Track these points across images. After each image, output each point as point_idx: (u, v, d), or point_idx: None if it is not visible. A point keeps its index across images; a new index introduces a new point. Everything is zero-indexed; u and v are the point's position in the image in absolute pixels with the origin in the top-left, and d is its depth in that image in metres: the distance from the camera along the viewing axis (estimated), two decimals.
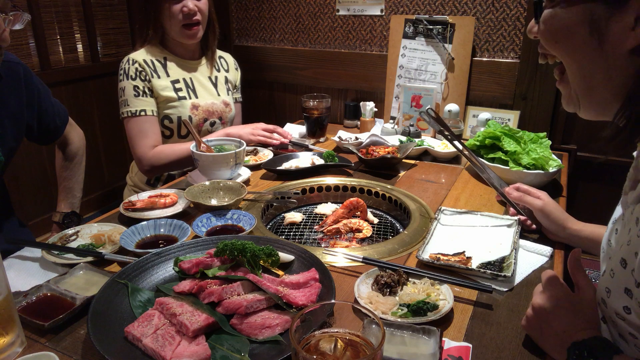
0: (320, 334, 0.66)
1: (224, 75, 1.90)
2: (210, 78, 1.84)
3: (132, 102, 1.66)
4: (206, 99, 1.80)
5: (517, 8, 1.92)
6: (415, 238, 1.16)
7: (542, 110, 1.94)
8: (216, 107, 1.82)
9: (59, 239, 1.14)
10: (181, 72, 1.76)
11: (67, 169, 1.58)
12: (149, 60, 1.70)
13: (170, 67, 1.74)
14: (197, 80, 1.80)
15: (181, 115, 1.72)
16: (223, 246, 0.92)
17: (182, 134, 1.77)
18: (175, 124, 1.74)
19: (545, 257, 1.06)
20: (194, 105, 1.75)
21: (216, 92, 1.84)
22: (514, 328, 0.84)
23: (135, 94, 1.66)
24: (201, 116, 1.77)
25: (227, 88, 1.89)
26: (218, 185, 1.35)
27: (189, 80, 1.77)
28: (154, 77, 1.69)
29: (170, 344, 0.76)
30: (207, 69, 1.84)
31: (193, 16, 1.66)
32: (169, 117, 1.73)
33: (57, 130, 1.50)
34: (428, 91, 1.98)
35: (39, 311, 0.86)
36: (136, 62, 1.67)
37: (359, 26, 2.26)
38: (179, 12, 1.64)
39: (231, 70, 1.94)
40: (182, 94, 1.73)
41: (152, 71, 1.69)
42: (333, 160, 1.60)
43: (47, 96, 1.44)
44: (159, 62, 1.72)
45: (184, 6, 1.64)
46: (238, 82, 1.98)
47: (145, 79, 1.67)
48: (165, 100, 1.70)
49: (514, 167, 1.40)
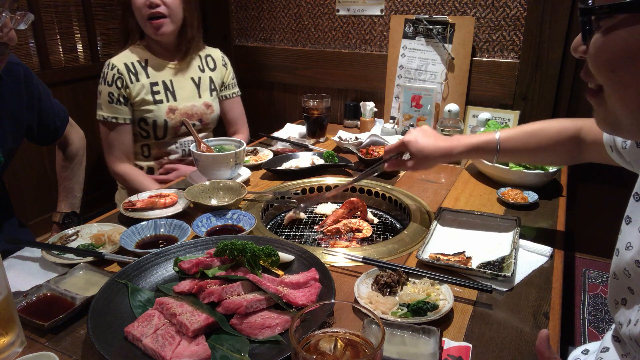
0: (320, 334, 0.66)
1: (209, 75, 1.86)
2: (194, 79, 1.81)
3: (106, 108, 1.68)
4: (185, 101, 1.77)
5: (517, 8, 1.92)
6: (415, 238, 1.16)
7: (542, 110, 1.94)
8: (196, 109, 1.80)
9: (59, 239, 1.14)
10: (162, 75, 1.74)
11: (67, 169, 1.58)
12: (129, 64, 1.69)
13: (150, 69, 1.73)
14: (178, 82, 1.77)
15: (156, 119, 1.72)
16: (223, 246, 0.92)
17: (158, 136, 1.76)
18: (151, 126, 1.73)
19: (545, 257, 1.06)
20: (171, 108, 1.73)
21: (198, 93, 1.81)
22: (514, 328, 0.84)
23: (110, 100, 1.67)
24: (178, 119, 1.74)
25: (211, 89, 1.85)
26: (218, 185, 1.35)
27: (169, 83, 1.75)
28: (133, 82, 1.68)
29: (170, 344, 0.76)
30: (191, 70, 1.81)
31: (157, 6, 1.61)
32: (145, 119, 1.72)
33: (57, 131, 1.50)
34: (428, 91, 1.98)
35: (39, 311, 0.87)
36: (115, 67, 1.67)
37: (359, 26, 2.25)
38: (143, 5, 1.61)
39: (218, 68, 1.89)
40: (158, 97, 1.72)
41: (132, 75, 1.68)
42: (333, 160, 1.60)
43: (48, 97, 1.44)
44: (140, 64, 1.71)
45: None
46: (229, 79, 1.93)
47: (121, 87, 1.66)
48: (141, 102, 1.70)
49: (514, 167, 1.40)
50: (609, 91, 0.56)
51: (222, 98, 1.93)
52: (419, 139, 1.15)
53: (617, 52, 0.52)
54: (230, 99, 1.95)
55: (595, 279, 2.24)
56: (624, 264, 0.68)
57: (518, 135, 1.12)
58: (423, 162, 1.15)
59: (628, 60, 0.51)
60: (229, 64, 1.94)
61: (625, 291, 0.68)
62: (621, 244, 0.70)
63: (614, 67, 0.53)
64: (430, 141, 1.14)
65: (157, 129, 1.74)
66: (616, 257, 0.71)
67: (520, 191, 1.35)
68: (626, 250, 0.68)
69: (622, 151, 0.83)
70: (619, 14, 0.50)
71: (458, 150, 1.14)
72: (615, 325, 0.70)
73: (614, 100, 0.56)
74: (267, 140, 1.97)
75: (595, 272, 2.28)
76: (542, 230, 1.19)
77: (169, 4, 1.64)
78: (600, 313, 2.05)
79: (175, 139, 1.79)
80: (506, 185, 1.41)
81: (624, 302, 0.68)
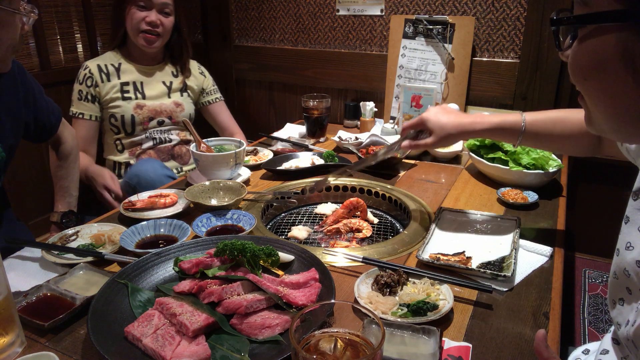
0: (320, 334, 0.66)
1: (183, 81, 1.95)
2: (165, 82, 1.91)
3: (75, 104, 1.81)
4: (154, 100, 1.86)
5: (517, 8, 1.92)
6: (415, 238, 1.16)
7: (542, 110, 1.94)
8: (165, 107, 1.88)
9: (59, 239, 1.14)
10: (134, 76, 1.85)
11: (62, 168, 1.58)
12: (102, 66, 1.81)
13: (123, 72, 1.84)
14: (148, 83, 1.87)
15: (124, 114, 1.81)
16: (223, 246, 0.92)
17: (127, 132, 1.84)
18: (119, 122, 1.82)
19: (545, 257, 1.06)
20: (139, 105, 1.83)
21: (168, 94, 1.90)
22: (514, 328, 0.84)
23: (79, 97, 1.80)
24: (145, 115, 1.83)
25: (181, 90, 1.94)
26: (218, 185, 1.35)
27: (139, 83, 1.85)
28: (103, 82, 1.80)
29: (170, 344, 0.76)
30: (164, 75, 1.91)
31: (155, 27, 1.75)
32: (114, 115, 1.82)
33: (52, 128, 1.50)
34: (428, 91, 1.98)
35: (39, 311, 0.86)
36: (87, 68, 1.80)
37: (359, 26, 2.25)
38: (141, 20, 1.74)
39: (195, 74, 1.99)
40: (127, 95, 1.82)
41: (103, 75, 1.80)
42: (333, 160, 1.60)
43: (41, 94, 1.45)
44: (113, 66, 1.83)
45: (147, 16, 1.74)
46: (209, 85, 2.03)
47: (90, 85, 1.79)
48: (110, 100, 1.80)
49: (514, 167, 1.40)
50: (586, 97, 0.58)
51: (205, 104, 2.04)
52: (439, 115, 1.12)
53: (587, 61, 0.53)
54: (214, 103, 2.05)
55: (595, 279, 2.24)
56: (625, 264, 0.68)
57: (544, 120, 1.09)
58: (444, 139, 1.12)
59: (597, 69, 0.53)
60: (206, 72, 2.05)
61: (624, 291, 0.68)
62: (621, 243, 0.70)
63: (586, 75, 0.55)
64: (451, 117, 1.11)
65: (126, 124, 1.83)
66: (616, 257, 0.71)
67: (520, 191, 1.35)
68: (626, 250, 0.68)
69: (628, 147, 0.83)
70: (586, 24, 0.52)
71: (481, 126, 1.10)
72: (614, 325, 0.70)
73: (591, 106, 0.58)
74: (267, 140, 1.97)
75: (595, 272, 2.28)
76: (542, 230, 1.19)
77: (165, 27, 1.78)
78: (600, 313, 2.05)
79: (145, 132, 1.87)
80: (506, 185, 1.41)
81: (622, 302, 0.68)
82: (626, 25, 0.49)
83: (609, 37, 0.51)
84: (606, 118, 0.57)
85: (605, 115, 0.57)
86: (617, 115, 0.56)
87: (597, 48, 0.52)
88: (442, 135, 1.11)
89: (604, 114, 0.57)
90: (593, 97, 0.57)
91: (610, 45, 0.51)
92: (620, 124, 0.57)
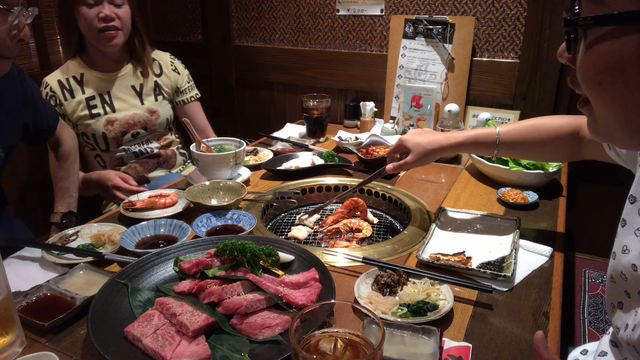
0: (320, 334, 0.66)
1: (154, 80, 1.82)
2: (134, 87, 1.78)
3: None
4: (125, 111, 1.74)
5: (517, 8, 1.92)
6: (415, 238, 1.16)
7: (542, 110, 1.94)
8: (138, 117, 1.76)
9: (59, 239, 1.15)
10: (98, 87, 1.72)
11: (62, 169, 1.58)
12: (64, 80, 1.68)
13: (86, 84, 1.70)
14: (117, 93, 1.75)
15: (95, 133, 1.71)
16: (223, 246, 0.92)
17: (102, 148, 1.76)
18: (92, 140, 1.74)
19: (545, 257, 1.06)
20: (109, 120, 1.72)
21: (140, 101, 1.78)
22: (514, 328, 0.84)
23: None
24: (118, 130, 1.73)
25: (155, 93, 1.82)
26: (218, 185, 1.35)
27: (106, 95, 1.73)
28: (67, 100, 1.68)
29: (170, 344, 0.76)
30: (131, 78, 1.78)
31: (111, 21, 1.60)
32: (85, 134, 1.73)
33: (49, 130, 1.50)
34: (428, 91, 1.98)
35: (39, 311, 0.87)
36: (48, 86, 1.66)
37: (359, 26, 2.25)
38: (94, 18, 1.58)
39: (167, 73, 1.86)
40: (95, 111, 1.70)
41: (66, 92, 1.68)
42: (333, 160, 1.60)
43: (39, 96, 1.46)
44: (75, 79, 1.69)
45: (99, 12, 1.58)
46: (183, 83, 1.90)
47: (55, 105, 1.66)
48: (77, 119, 1.70)
49: (514, 167, 1.40)
50: (595, 103, 0.54)
51: (179, 103, 1.91)
52: (415, 135, 1.19)
53: (603, 64, 0.50)
54: (189, 103, 1.92)
55: (595, 279, 2.24)
56: (621, 267, 0.67)
57: (518, 129, 1.12)
58: (422, 157, 1.17)
59: (615, 73, 0.49)
60: (180, 68, 1.91)
61: (622, 295, 0.68)
62: (617, 247, 0.69)
63: (601, 80, 0.51)
64: (427, 136, 1.18)
65: (98, 141, 1.74)
66: (612, 261, 0.70)
67: (520, 191, 1.35)
68: (622, 253, 0.68)
69: (619, 151, 0.83)
70: (603, 26, 0.49)
71: (456, 140, 1.15)
72: (613, 329, 0.70)
73: (602, 113, 0.54)
74: (267, 140, 1.97)
75: (595, 272, 2.28)
76: (542, 230, 1.19)
77: (122, 18, 1.64)
78: (600, 313, 2.05)
79: (119, 146, 1.77)
80: (506, 185, 1.41)
81: (621, 305, 0.68)
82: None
83: (629, 38, 0.47)
84: (620, 124, 0.53)
85: (620, 122, 0.53)
86: (630, 120, 0.52)
87: (615, 51, 0.48)
88: (419, 152, 1.17)
89: (618, 120, 0.53)
90: (607, 103, 0.53)
91: (630, 47, 0.47)
92: (631, 130, 0.53)
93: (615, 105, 0.52)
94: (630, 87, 0.49)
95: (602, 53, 0.49)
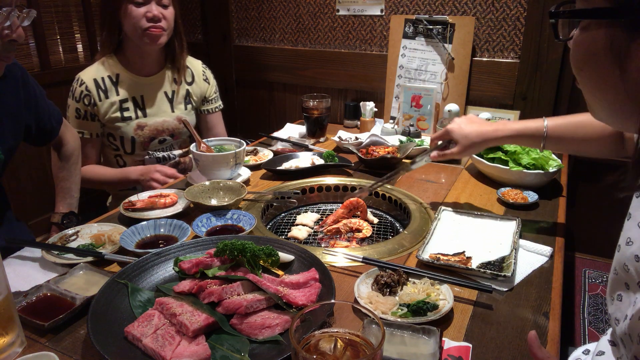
0: (320, 334, 0.66)
1: (186, 88, 1.81)
2: (167, 93, 1.77)
3: (73, 122, 1.66)
4: (156, 117, 1.74)
5: (517, 8, 1.92)
6: (415, 238, 1.16)
7: (542, 110, 1.94)
8: (167, 125, 1.76)
9: (59, 239, 1.14)
10: (132, 90, 1.70)
11: (64, 169, 1.58)
12: (99, 79, 1.66)
13: (121, 85, 1.69)
14: (150, 98, 1.74)
15: (123, 136, 1.70)
16: (223, 246, 0.92)
17: (127, 151, 1.74)
18: (118, 141, 1.72)
19: (545, 257, 1.06)
20: (140, 125, 1.71)
21: (171, 108, 1.77)
22: (514, 328, 0.84)
23: (77, 115, 1.66)
24: (147, 135, 1.72)
25: (186, 102, 1.81)
26: (218, 185, 1.35)
27: (139, 99, 1.72)
28: (101, 100, 1.66)
29: (170, 344, 0.76)
30: (166, 83, 1.77)
31: (158, 22, 1.60)
32: (113, 135, 1.72)
33: (52, 131, 1.50)
34: (428, 91, 1.98)
35: (39, 311, 0.87)
36: (84, 84, 1.64)
37: (359, 26, 2.25)
38: (141, 17, 1.58)
39: (198, 82, 1.85)
40: (127, 114, 1.69)
41: (101, 92, 1.66)
42: (333, 160, 1.60)
43: (43, 97, 1.45)
44: (110, 79, 1.68)
45: (148, 11, 1.57)
46: (211, 93, 1.90)
47: (88, 104, 1.65)
48: (109, 120, 1.68)
49: (514, 167, 1.40)
50: (581, 87, 0.63)
51: (203, 112, 1.90)
52: (462, 125, 1.19)
53: (582, 52, 0.59)
54: (213, 113, 1.92)
55: (595, 279, 2.24)
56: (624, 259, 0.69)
57: (566, 125, 1.13)
58: (469, 148, 1.19)
59: (590, 61, 0.58)
60: (210, 77, 1.90)
61: (622, 287, 0.69)
62: (622, 240, 0.71)
63: (581, 65, 0.60)
64: (474, 127, 1.18)
65: (125, 144, 1.73)
66: (617, 253, 0.72)
67: (520, 191, 1.35)
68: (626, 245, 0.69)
69: None
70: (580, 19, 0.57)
71: (503, 133, 1.16)
72: (612, 323, 0.70)
73: (586, 95, 0.63)
74: (267, 140, 1.97)
75: (595, 272, 2.28)
76: (542, 231, 1.19)
77: (168, 19, 1.64)
78: (600, 313, 2.05)
79: (145, 151, 1.77)
80: (506, 185, 1.41)
81: (620, 297, 0.69)
82: (614, 22, 0.53)
83: (600, 31, 0.55)
84: (601, 107, 0.62)
85: (599, 104, 0.62)
86: (609, 104, 0.60)
87: (590, 41, 0.57)
88: (467, 144, 1.18)
89: (598, 103, 0.62)
90: (588, 87, 0.61)
91: (600, 39, 0.55)
92: (611, 112, 0.61)
93: (594, 89, 0.60)
94: (602, 74, 0.57)
95: (581, 43, 0.58)
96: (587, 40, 0.57)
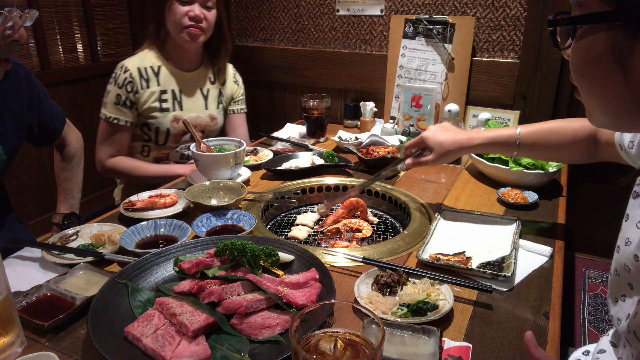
0: (320, 334, 0.66)
1: (219, 88, 1.87)
2: (202, 91, 1.82)
3: (110, 108, 1.68)
4: (191, 112, 1.78)
5: (517, 8, 1.92)
6: (415, 238, 1.16)
7: (542, 110, 1.94)
8: (200, 121, 1.81)
9: (59, 239, 1.14)
10: (172, 83, 1.75)
11: (66, 170, 1.58)
12: (142, 69, 1.70)
13: (162, 76, 1.73)
14: (187, 93, 1.78)
15: (159, 127, 1.73)
16: (223, 246, 0.92)
17: (159, 142, 1.77)
18: (153, 132, 1.74)
19: (545, 257, 1.06)
20: (176, 117, 1.74)
21: (205, 105, 1.82)
22: (514, 328, 0.84)
23: (116, 101, 1.67)
24: (181, 129, 1.76)
25: (218, 102, 1.86)
26: (218, 185, 1.35)
27: (178, 92, 1.76)
28: (143, 89, 1.69)
29: (170, 344, 0.76)
30: (201, 81, 1.82)
31: (199, 22, 1.65)
32: (149, 125, 1.73)
33: (55, 132, 1.50)
34: (428, 91, 1.98)
35: (39, 311, 0.87)
36: (128, 71, 1.67)
37: (359, 26, 2.25)
38: (184, 15, 1.63)
39: (229, 84, 1.91)
40: (166, 105, 1.73)
41: (143, 81, 1.69)
42: (333, 160, 1.60)
43: (46, 97, 1.45)
44: (153, 70, 1.72)
45: (190, 10, 1.63)
46: (239, 95, 1.95)
47: (131, 91, 1.67)
48: (148, 109, 1.71)
49: (514, 167, 1.40)
50: (582, 93, 0.63)
51: (229, 112, 1.94)
52: (437, 133, 1.20)
53: (582, 58, 0.58)
54: (237, 114, 1.96)
55: (595, 279, 2.24)
56: (624, 259, 0.69)
57: (538, 132, 1.14)
58: (443, 156, 1.20)
59: (591, 66, 0.57)
60: (240, 80, 1.96)
61: (625, 287, 0.69)
62: (621, 240, 0.72)
63: (582, 71, 0.59)
64: (449, 135, 1.19)
65: (159, 135, 1.75)
66: (617, 254, 0.72)
67: (520, 191, 1.35)
68: (625, 246, 0.70)
69: (629, 151, 0.86)
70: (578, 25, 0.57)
71: (477, 141, 1.18)
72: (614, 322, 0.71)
73: (586, 100, 0.62)
74: (267, 140, 1.97)
75: (595, 272, 2.28)
76: (542, 231, 1.19)
77: (209, 21, 1.69)
78: (600, 313, 2.05)
79: (176, 144, 1.80)
80: (506, 185, 1.41)
81: (624, 298, 0.69)
82: (614, 24, 0.54)
83: (600, 35, 0.55)
84: (603, 112, 0.61)
85: (602, 109, 0.61)
86: (612, 108, 0.59)
87: (590, 46, 0.56)
88: (441, 152, 1.19)
89: (600, 108, 0.61)
90: (590, 92, 0.61)
91: (601, 43, 0.55)
92: (615, 116, 0.60)
93: (597, 94, 0.60)
94: (604, 77, 0.57)
95: (582, 48, 0.58)
96: (586, 45, 0.57)
